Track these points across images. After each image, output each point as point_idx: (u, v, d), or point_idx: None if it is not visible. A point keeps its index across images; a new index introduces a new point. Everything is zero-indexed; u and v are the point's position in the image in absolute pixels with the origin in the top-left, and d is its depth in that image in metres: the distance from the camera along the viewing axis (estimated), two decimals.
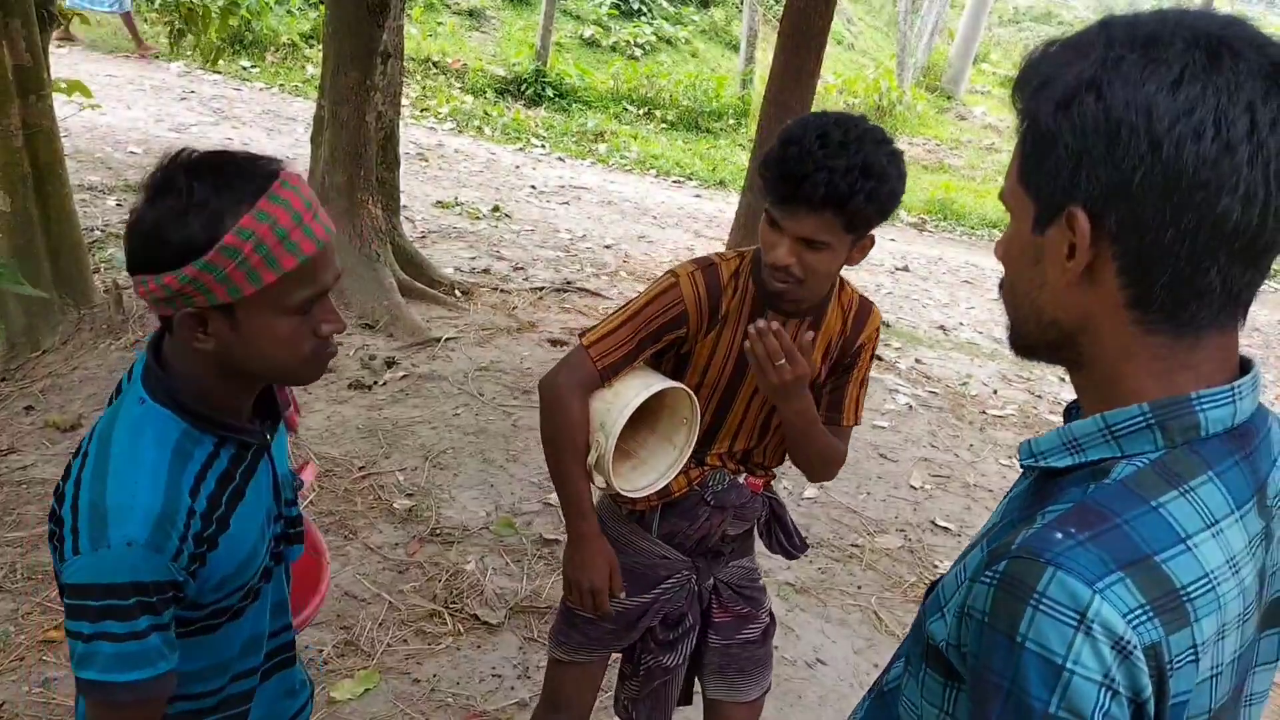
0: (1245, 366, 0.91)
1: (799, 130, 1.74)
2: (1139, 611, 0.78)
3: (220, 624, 1.38)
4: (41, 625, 2.91)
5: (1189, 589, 0.81)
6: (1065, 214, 0.85)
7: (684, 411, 1.97)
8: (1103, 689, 0.78)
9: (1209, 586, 0.82)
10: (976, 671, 0.85)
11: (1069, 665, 0.78)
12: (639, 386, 1.91)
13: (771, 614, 2.26)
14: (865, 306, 2.03)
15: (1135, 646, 0.78)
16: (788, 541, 2.18)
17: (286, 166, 1.25)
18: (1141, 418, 0.86)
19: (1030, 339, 0.95)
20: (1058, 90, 0.84)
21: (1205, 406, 0.86)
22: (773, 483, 2.17)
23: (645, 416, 2.03)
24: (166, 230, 1.18)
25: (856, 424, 2.10)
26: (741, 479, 2.07)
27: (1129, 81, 0.80)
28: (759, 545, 2.21)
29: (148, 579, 1.20)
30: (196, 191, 1.18)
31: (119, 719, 1.27)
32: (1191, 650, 0.81)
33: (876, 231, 1.80)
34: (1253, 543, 0.88)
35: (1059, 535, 0.81)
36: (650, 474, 1.99)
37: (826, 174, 1.69)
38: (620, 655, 2.24)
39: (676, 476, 2.01)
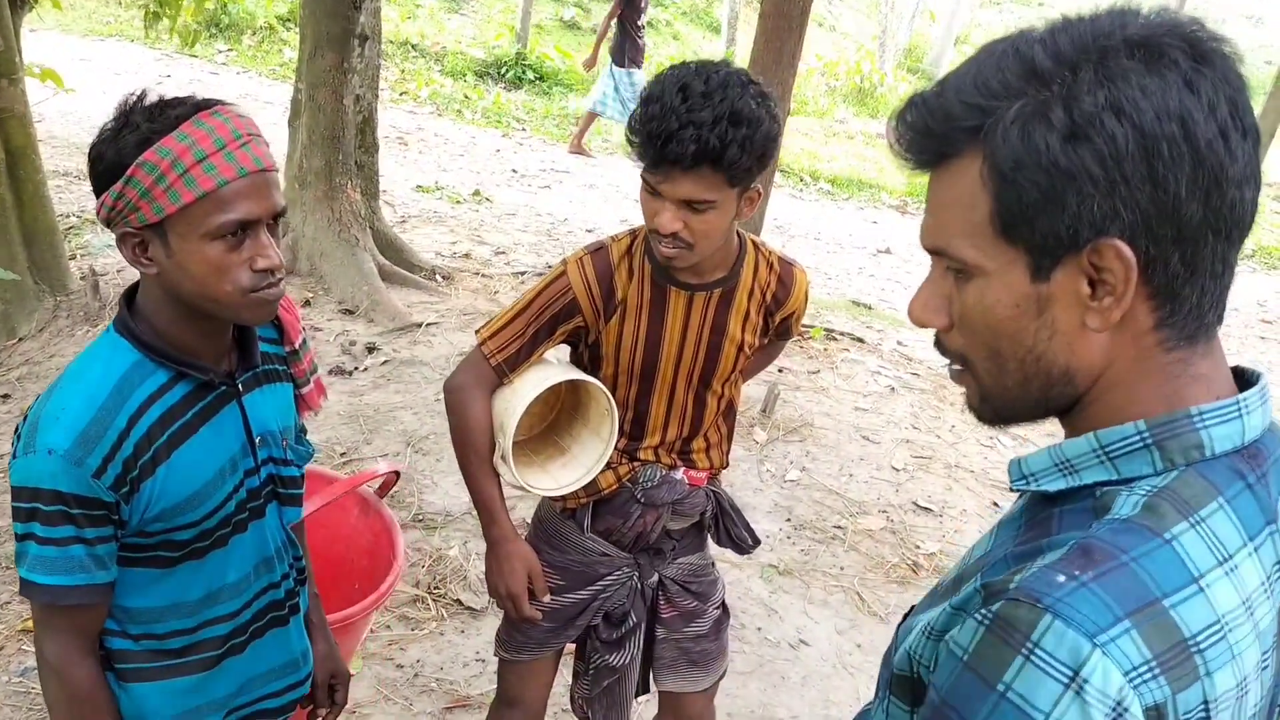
0: (1250, 379, 0.85)
1: (658, 87, 1.65)
2: (1144, 669, 0.71)
3: (175, 560, 1.43)
4: (20, 615, 2.88)
5: (1199, 639, 0.73)
6: (1088, 251, 0.76)
7: (605, 404, 1.91)
8: None
9: (1220, 634, 0.74)
10: (937, 706, 0.77)
11: None
12: (536, 382, 1.85)
13: (724, 606, 2.21)
14: (787, 269, 1.95)
15: (1132, 710, 0.70)
16: (736, 536, 2.10)
17: (232, 107, 1.33)
18: (1138, 437, 0.79)
19: (1028, 401, 0.86)
20: (1058, 121, 0.75)
21: (1209, 423, 0.79)
22: (720, 475, 2.11)
23: (577, 409, 1.99)
24: (104, 151, 1.31)
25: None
26: (679, 474, 2.00)
27: (1149, 93, 0.74)
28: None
29: (67, 489, 1.30)
30: (134, 116, 1.30)
31: (50, 621, 1.39)
32: (1203, 708, 0.73)
33: (868, 214, 1.77)
34: (1270, 578, 0.80)
35: (1060, 578, 0.73)
36: (578, 469, 1.94)
37: (693, 130, 1.59)
38: (574, 653, 2.22)
39: (604, 473, 1.94)
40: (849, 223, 9.78)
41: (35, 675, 2.68)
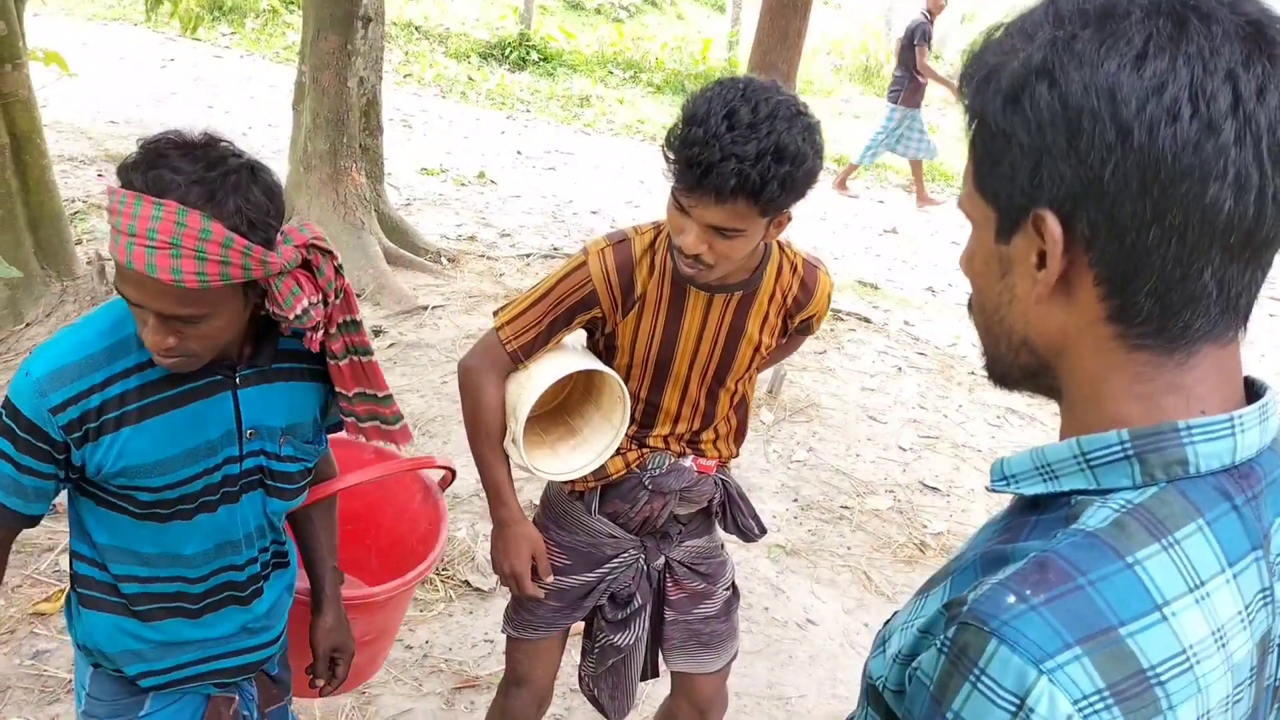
0: (1256, 392, 0.79)
1: (703, 106, 1.58)
2: (1095, 699, 0.66)
3: (139, 517, 1.50)
4: (31, 598, 2.90)
5: (1159, 670, 0.68)
6: (1031, 218, 0.74)
7: (618, 391, 1.90)
8: None
9: (1185, 666, 0.69)
10: None
11: None
12: (551, 369, 1.84)
13: (734, 587, 2.21)
14: (812, 272, 1.92)
15: None
16: (742, 524, 2.10)
17: (171, 190, 1.29)
18: (1119, 447, 0.74)
19: (1004, 364, 0.84)
20: (1004, 82, 0.73)
21: (1196, 439, 0.73)
22: (729, 463, 2.10)
23: (590, 391, 1.99)
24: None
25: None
26: (688, 461, 1.99)
27: (1085, 62, 0.69)
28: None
29: (23, 410, 1.40)
30: (165, 155, 1.31)
31: None
32: None
33: (874, 193, 1.75)
34: (1249, 608, 0.74)
35: (1010, 598, 0.68)
36: (588, 453, 1.94)
37: (735, 163, 1.53)
38: (582, 632, 2.23)
39: (613, 458, 1.94)
40: (855, 202, 9.74)
41: (47, 658, 2.70)
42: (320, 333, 1.49)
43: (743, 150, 1.53)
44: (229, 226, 1.29)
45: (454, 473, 2.26)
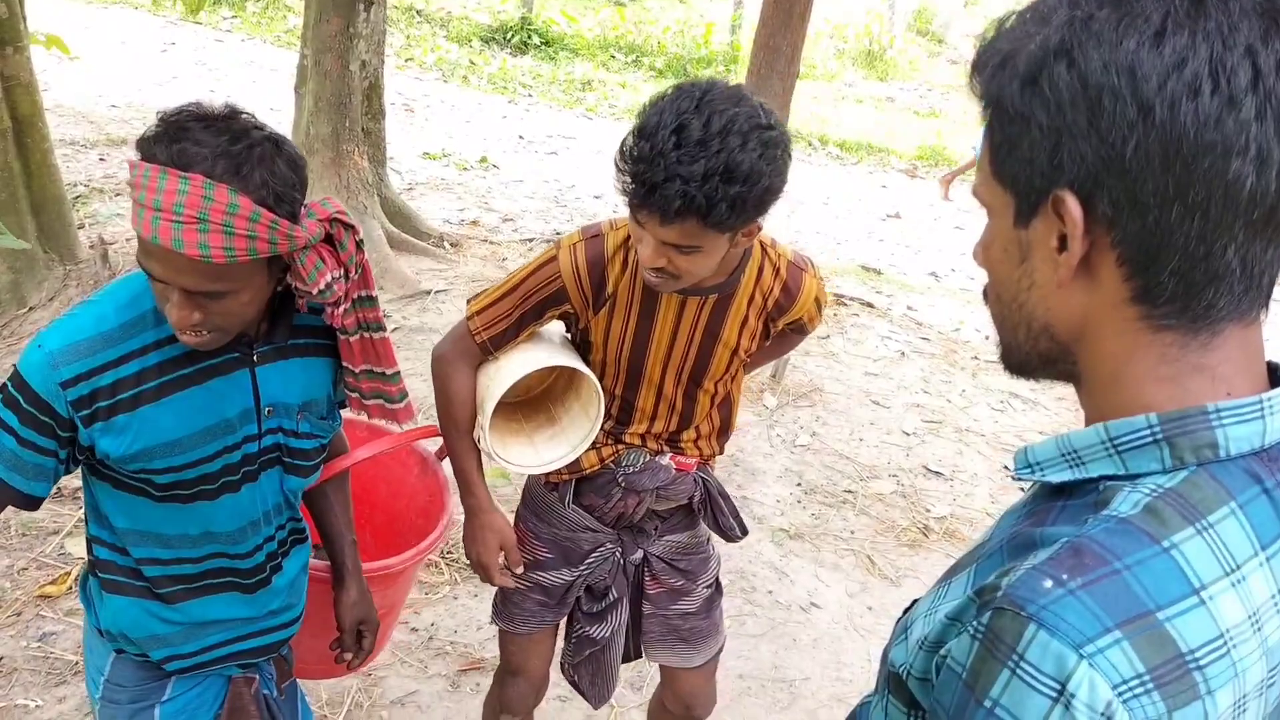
0: (1278, 376, 0.79)
1: (654, 119, 1.49)
2: (1135, 683, 0.66)
3: (159, 499, 1.47)
4: (37, 580, 2.91)
5: (1198, 654, 0.68)
6: (1051, 200, 0.74)
7: (593, 387, 1.86)
8: None
9: (1223, 650, 0.69)
10: None
11: None
12: (522, 363, 1.81)
13: (718, 583, 2.16)
14: (796, 275, 1.82)
15: None
16: (723, 523, 2.04)
17: (196, 163, 1.26)
18: (1148, 431, 0.74)
19: (1022, 352, 0.83)
20: (1022, 65, 0.73)
21: (1226, 422, 0.73)
22: (713, 461, 2.05)
23: (572, 383, 1.96)
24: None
25: (820, 324, 1.99)
26: (665, 459, 1.94)
27: (1104, 41, 0.69)
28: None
29: (32, 383, 1.36)
30: (188, 129, 1.29)
31: None
32: None
33: (877, 178, 1.69)
34: None
35: (1047, 583, 0.68)
36: (563, 445, 1.91)
37: (680, 184, 1.44)
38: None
39: (587, 453, 1.91)
40: (858, 187, 9.72)
41: (54, 640, 2.71)
42: (341, 308, 1.47)
43: (688, 171, 1.44)
44: (255, 200, 1.27)
45: None
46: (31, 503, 1.45)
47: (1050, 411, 5.18)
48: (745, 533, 2.08)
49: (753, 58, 5.49)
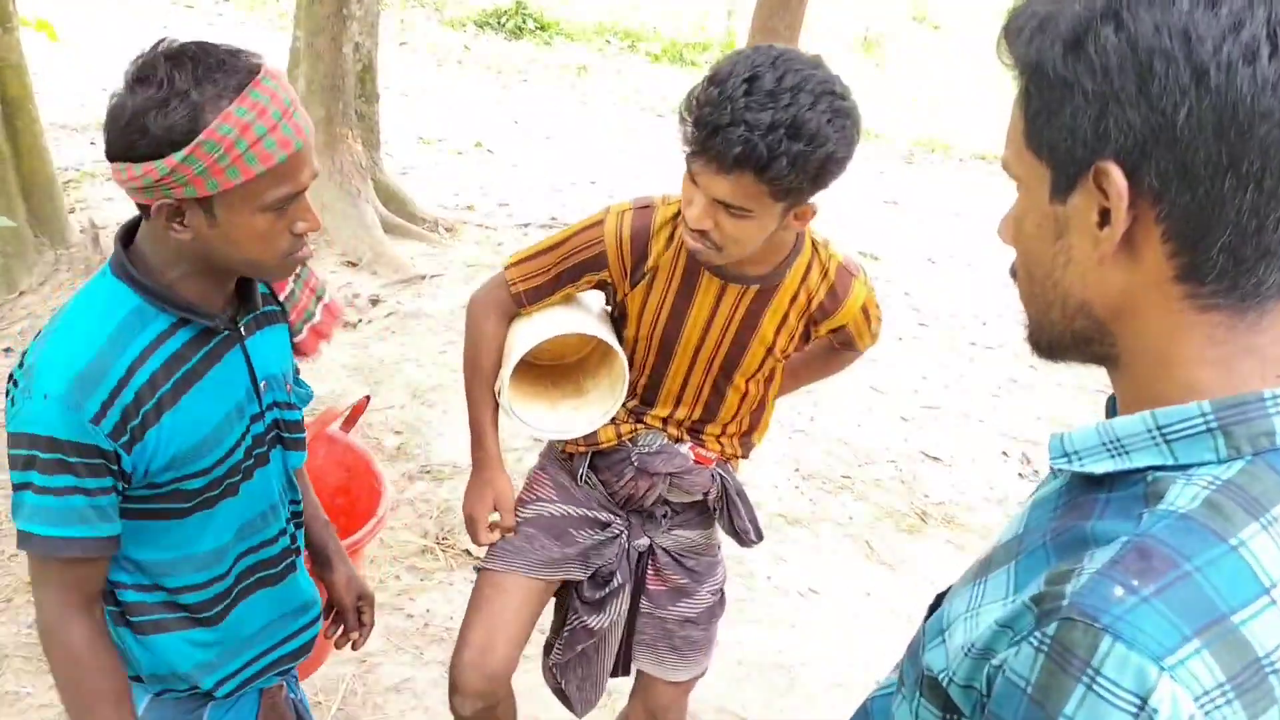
0: None
1: (726, 67, 1.47)
2: (1217, 694, 0.63)
3: (187, 511, 1.39)
4: (27, 567, 2.88)
5: (1274, 657, 0.65)
6: (1093, 172, 0.70)
7: (620, 362, 1.84)
8: None
9: None
10: None
11: None
12: (553, 323, 1.79)
13: (722, 594, 2.10)
14: (845, 279, 1.78)
15: None
16: (739, 525, 1.97)
17: (266, 62, 1.25)
18: (1201, 419, 0.70)
19: (1055, 332, 0.79)
20: (1064, 27, 0.69)
21: None
22: (734, 461, 1.99)
23: (605, 359, 1.94)
24: (146, 120, 1.18)
25: (874, 343, 1.96)
26: (684, 447, 1.90)
27: (1155, 2, 0.66)
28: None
29: (63, 436, 1.24)
30: (177, 81, 1.18)
31: (47, 576, 1.33)
32: None
33: (874, 164, 1.66)
34: None
35: (1118, 590, 0.65)
36: (581, 420, 1.90)
37: (744, 129, 1.41)
38: (548, 628, 2.15)
39: (605, 427, 1.89)
40: (855, 172, 9.66)
41: None
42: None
43: (755, 118, 1.41)
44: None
45: (368, 399, 2.20)
46: (115, 545, 1.34)
47: (1048, 397, 5.17)
48: (761, 537, 2.01)
49: (750, 40, 5.46)
